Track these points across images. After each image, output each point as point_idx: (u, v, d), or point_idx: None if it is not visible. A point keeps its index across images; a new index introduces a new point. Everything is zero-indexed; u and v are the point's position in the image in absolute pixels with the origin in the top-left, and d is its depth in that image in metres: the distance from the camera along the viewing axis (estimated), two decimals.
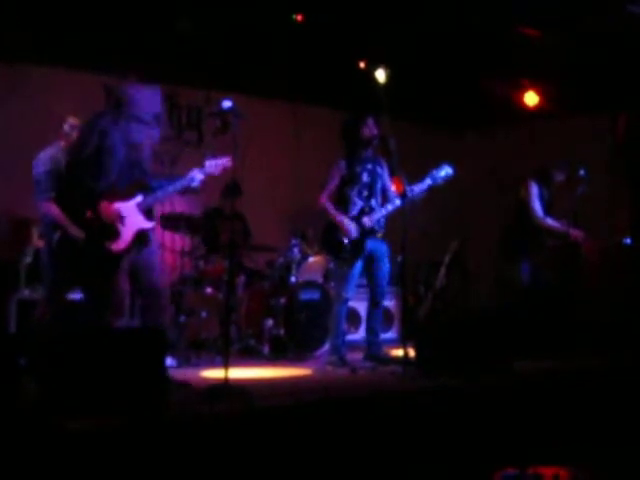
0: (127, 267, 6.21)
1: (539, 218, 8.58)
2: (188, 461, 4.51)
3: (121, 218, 6.05)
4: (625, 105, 10.81)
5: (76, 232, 7.00)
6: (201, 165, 6.37)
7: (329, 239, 7.59)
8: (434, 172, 7.58)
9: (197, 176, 6.32)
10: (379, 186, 7.67)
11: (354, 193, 7.57)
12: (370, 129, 7.60)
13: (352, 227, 7.48)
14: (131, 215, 6.10)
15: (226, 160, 6.40)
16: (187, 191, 6.43)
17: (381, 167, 7.72)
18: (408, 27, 9.15)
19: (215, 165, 6.39)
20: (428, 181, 7.53)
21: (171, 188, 6.24)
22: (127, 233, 6.08)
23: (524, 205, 8.66)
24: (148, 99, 6.23)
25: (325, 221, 7.61)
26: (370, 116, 7.64)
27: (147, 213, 6.21)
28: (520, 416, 5.93)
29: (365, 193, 7.61)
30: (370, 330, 7.81)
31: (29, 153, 7.05)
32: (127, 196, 6.11)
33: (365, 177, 7.62)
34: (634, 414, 6.11)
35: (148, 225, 6.20)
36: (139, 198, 6.14)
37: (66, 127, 7.12)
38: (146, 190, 6.19)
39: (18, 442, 4.24)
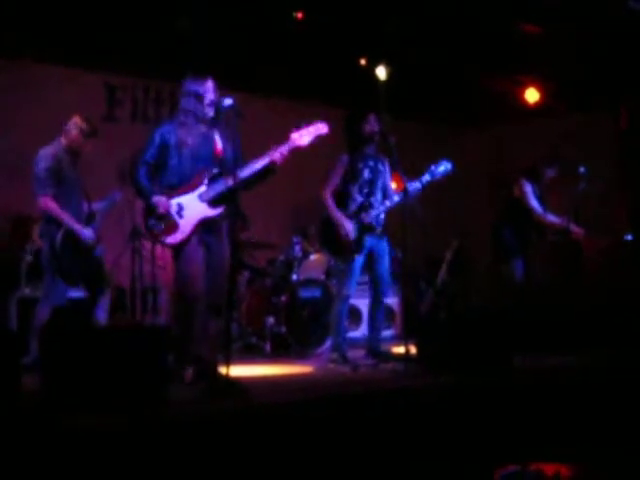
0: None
1: (540, 215, 8.57)
2: (189, 458, 4.51)
3: (179, 212, 6.02)
4: (627, 101, 10.81)
5: (78, 230, 7.03)
6: (285, 140, 6.20)
7: (327, 236, 7.57)
8: (433, 168, 7.56)
9: (277, 155, 6.16)
10: (380, 183, 7.66)
11: (355, 189, 7.55)
12: (371, 125, 7.58)
13: (350, 228, 7.45)
14: (191, 206, 6.06)
15: (320, 125, 6.28)
16: (268, 173, 6.23)
17: (383, 164, 7.71)
18: (409, 24, 9.15)
19: (300, 136, 6.24)
20: (427, 177, 7.51)
21: (245, 173, 6.05)
22: (186, 225, 6.03)
23: (519, 203, 8.64)
24: (197, 92, 6.17)
25: (322, 217, 7.57)
26: (371, 112, 7.63)
27: (213, 202, 6.11)
28: (521, 413, 5.93)
29: (366, 190, 7.59)
30: (372, 327, 7.80)
31: (30, 151, 7.05)
32: (189, 188, 6.08)
33: (366, 174, 7.61)
34: (634, 412, 6.11)
35: (211, 213, 6.10)
36: (202, 188, 6.08)
37: (70, 126, 7.13)
38: (210, 180, 6.12)
39: (19, 440, 4.24)
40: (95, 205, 7.37)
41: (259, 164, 6.11)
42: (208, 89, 6.18)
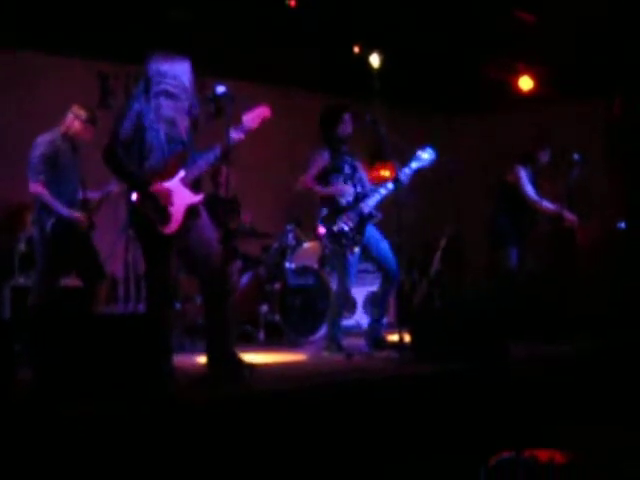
0: (179, 246, 5.91)
1: (535, 201, 8.56)
2: (185, 446, 4.52)
3: (169, 198, 5.78)
4: (620, 88, 10.81)
5: (67, 213, 7.02)
6: (238, 123, 6.02)
7: (329, 228, 7.53)
8: (418, 154, 7.56)
9: (236, 135, 5.99)
10: (358, 178, 7.66)
11: (340, 181, 7.54)
12: (345, 127, 7.56)
13: (347, 189, 7.47)
14: (177, 192, 5.82)
15: (263, 109, 6.14)
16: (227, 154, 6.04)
17: (358, 162, 7.72)
18: (403, 11, 9.14)
19: (252, 119, 6.07)
20: (414, 163, 7.51)
21: (212, 155, 5.91)
22: (177, 212, 5.79)
23: (513, 190, 8.63)
24: (174, 71, 5.90)
25: (318, 210, 7.55)
26: (346, 112, 7.58)
27: (193, 186, 5.92)
28: (515, 400, 5.95)
29: (349, 182, 7.59)
30: (378, 310, 7.76)
31: (25, 140, 7.04)
32: (169, 174, 5.82)
33: (347, 169, 7.60)
34: (628, 398, 6.13)
35: (196, 199, 5.89)
36: (182, 173, 5.85)
37: (69, 114, 7.14)
38: (187, 163, 5.91)
39: (14, 429, 4.24)
40: (91, 194, 7.36)
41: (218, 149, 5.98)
42: (188, 75, 5.97)
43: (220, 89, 5.90)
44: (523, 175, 8.59)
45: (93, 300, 7.25)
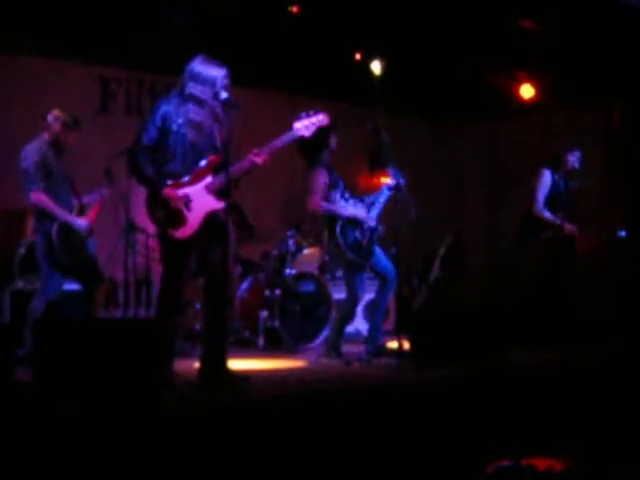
0: (197, 251, 5.91)
1: (537, 208, 8.58)
2: (181, 450, 4.52)
3: (186, 204, 5.75)
4: (620, 97, 10.81)
5: (71, 220, 7.03)
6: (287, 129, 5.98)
7: (347, 239, 7.49)
8: (379, 197, 7.61)
9: (281, 142, 5.96)
10: (347, 190, 7.68)
11: (338, 196, 7.55)
12: (335, 140, 7.59)
13: (364, 211, 7.49)
14: (199, 198, 5.79)
15: (321, 117, 6.03)
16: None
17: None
18: (405, 19, 9.14)
19: (306, 126, 6.00)
20: (379, 204, 7.58)
21: (243, 165, 5.83)
22: (194, 218, 5.78)
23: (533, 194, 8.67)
24: (205, 77, 5.83)
25: (338, 224, 7.52)
26: (332, 128, 7.53)
27: (219, 193, 5.86)
28: (513, 408, 5.94)
29: (347, 195, 7.60)
30: (376, 317, 7.76)
31: (23, 145, 7.05)
32: (195, 179, 5.81)
33: (340, 182, 7.62)
34: (627, 404, 6.13)
35: (218, 205, 5.85)
36: (208, 179, 5.83)
37: (49, 118, 7.09)
38: (216, 170, 5.87)
39: (12, 431, 4.25)
40: (85, 198, 7.36)
41: (271, 147, 5.94)
42: (224, 82, 5.88)
43: (222, 95, 5.86)
44: (543, 179, 8.60)
45: (91, 304, 7.24)
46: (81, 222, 7.10)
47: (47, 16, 8.30)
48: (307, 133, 6.04)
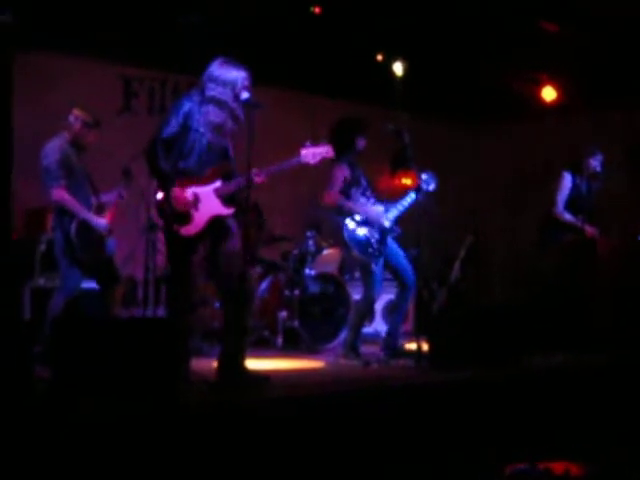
0: (203, 253, 5.96)
1: (557, 211, 8.57)
2: (198, 449, 4.53)
3: (195, 203, 5.82)
4: None
5: (91, 219, 7.05)
6: (296, 154, 6.05)
7: (356, 238, 7.50)
8: (402, 200, 7.59)
9: (286, 166, 6.04)
10: (370, 189, 7.68)
11: (359, 195, 7.55)
12: (364, 141, 7.58)
13: (380, 213, 7.49)
14: (207, 200, 5.85)
15: (327, 149, 6.08)
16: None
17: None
18: (426, 20, 9.14)
19: (313, 155, 6.04)
20: (400, 207, 7.56)
21: (246, 179, 5.77)
22: (200, 218, 5.83)
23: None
24: (225, 78, 5.86)
25: (338, 220, 7.54)
26: (367, 126, 7.55)
27: (227, 199, 5.92)
28: (531, 411, 5.93)
29: (368, 193, 7.61)
30: (394, 319, 7.78)
31: (45, 144, 7.09)
32: (206, 181, 5.87)
33: (362, 181, 7.62)
34: None
35: (225, 211, 5.91)
36: (217, 183, 5.88)
37: (71, 118, 7.13)
38: (228, 177, 5.93)
39: (31, 429, 4.26)
40: (103, 197, 7.38)
41: (273, 169, 5.99)
42: (244, 84, 5.91)
43: (244, 95, 5.87)
44: (564, 182, 8.59)
45: (108, 303, 7.28)
46: (101, 221, 7.12)
47: (70, 15, 8.34)
48: (312, 161, 6.08)
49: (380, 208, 7.54)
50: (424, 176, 7.51)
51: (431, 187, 7.53)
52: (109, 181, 7.54)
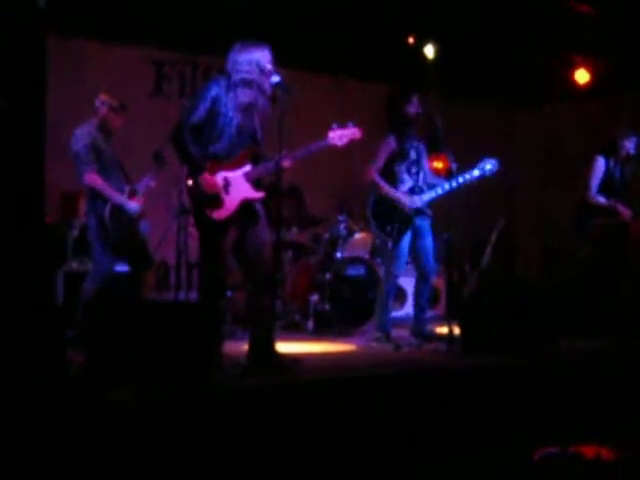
0: (233, 238, 5.95)
1: (590, 195, 8.51)
2: (230, 433, 4.55)
3: (225, 187, 5.83)
4: None
5: (123, 202, 7.09)
6: (323, 136, 6.02)
7: (378, 214, 7.53)
8: (482, 163, 7.48)
9: (314, 148, 6.01)
10: (423, 164, 7.65)
11: (403, 169, 7.54)
12: (415, 107, 7.52)
13: (409, 200, 7.46)
14: (237, 184, 5.87)
15: (355, 130, 6.05)
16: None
17: (423, 146, 7.69)
18: (458, 2, 9.08)
19: (340, 137, 6.00)
20: (476, 172, 7.45)
21: (275, 162, 5.80)
22: (231, 202, 5.84)
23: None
24: (249, 57, 5.84)
25: (375, 197, 7.55)
26: (415, 93, 7.56)
27: (256, 183, 5.95)
28: (563, 395, 5.90)
29: (414, 169, 7.59)
30: (417, 306, 7.79)
31: (74, 129, 7.13)
32: (236, 164, 5.88)
33: (413, 154, 7.59)
34: None
35: (255, 195, 5.93)
36: (247, 167, 5.90)
37: (97, 103, 7.18)
38: (257, 160, 5.96)
39: (64, 412, 4.30)
40: (137, 185, 7.40)
41: (300, 153, 5.98)
42: (267, 59, 5.88)
43: (275, 78, 5.86)
44: (597, 165, 8.52)
45: (141, 286, 7.32)
46: (133, 204, 7.16)
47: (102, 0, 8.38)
48: (340, 143, 6.04)
49: (409, 197, 7.50)
50: (487, 163, 7.43)
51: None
52: (141, 165, 7.58)
